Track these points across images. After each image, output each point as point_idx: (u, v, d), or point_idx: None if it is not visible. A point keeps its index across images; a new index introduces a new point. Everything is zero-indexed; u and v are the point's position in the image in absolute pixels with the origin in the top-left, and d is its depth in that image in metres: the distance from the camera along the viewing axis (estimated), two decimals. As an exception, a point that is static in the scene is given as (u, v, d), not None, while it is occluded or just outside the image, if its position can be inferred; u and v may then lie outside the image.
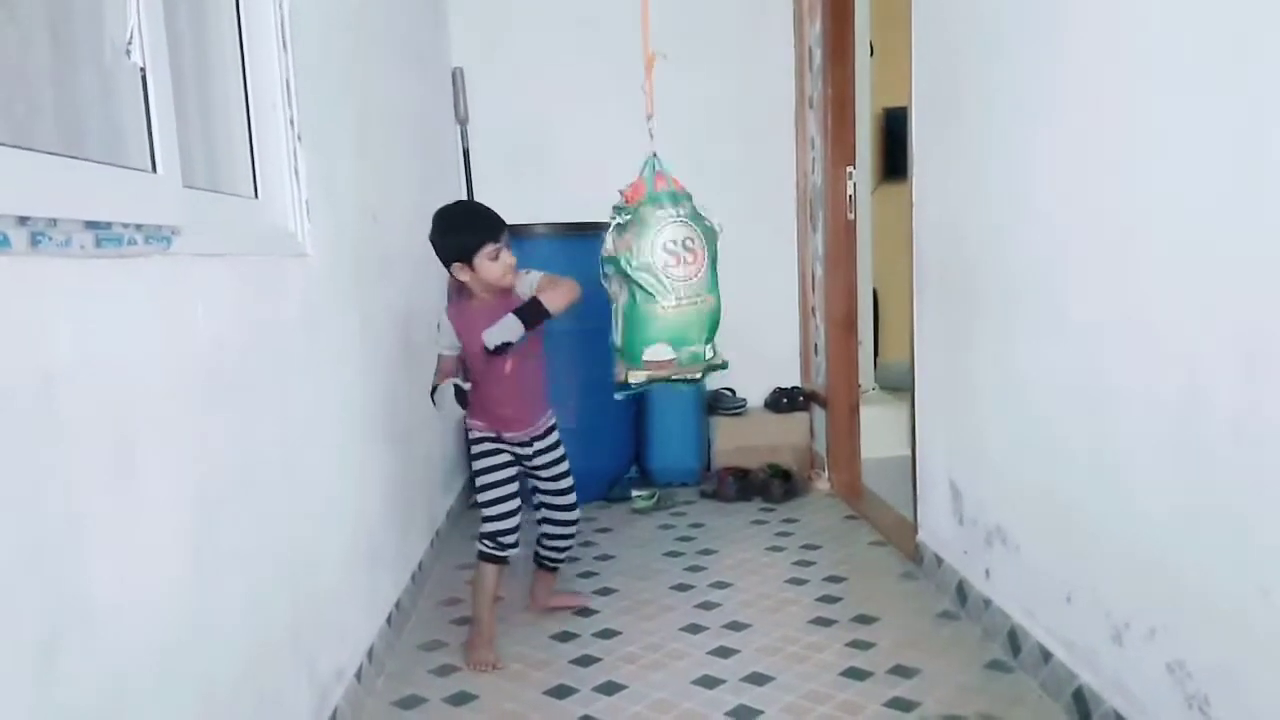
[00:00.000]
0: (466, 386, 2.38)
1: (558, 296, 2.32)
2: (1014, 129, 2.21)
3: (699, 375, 2.28)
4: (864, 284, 4.18)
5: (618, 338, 2.25)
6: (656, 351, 2.20)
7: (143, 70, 1.34)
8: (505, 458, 2.52)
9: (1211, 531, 1.57)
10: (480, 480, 2.51)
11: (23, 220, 1.01)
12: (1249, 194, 1.44)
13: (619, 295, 2.24)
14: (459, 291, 2.48)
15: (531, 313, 2.28)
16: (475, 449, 2.53)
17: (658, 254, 2.17)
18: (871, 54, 4.36)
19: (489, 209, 2.43)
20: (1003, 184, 2.28)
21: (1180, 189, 1.60)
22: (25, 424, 1.02)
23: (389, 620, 2.49)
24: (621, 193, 2.27)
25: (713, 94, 4.29)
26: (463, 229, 2.34)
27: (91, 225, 1.15)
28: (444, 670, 2.39)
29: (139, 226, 1.27)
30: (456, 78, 4.20)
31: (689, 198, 2.28)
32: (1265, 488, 1.44)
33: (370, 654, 2.28)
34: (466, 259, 2.32)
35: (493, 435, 2.51)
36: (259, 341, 1.73)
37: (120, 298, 1.24)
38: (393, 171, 3.00)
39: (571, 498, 2.65)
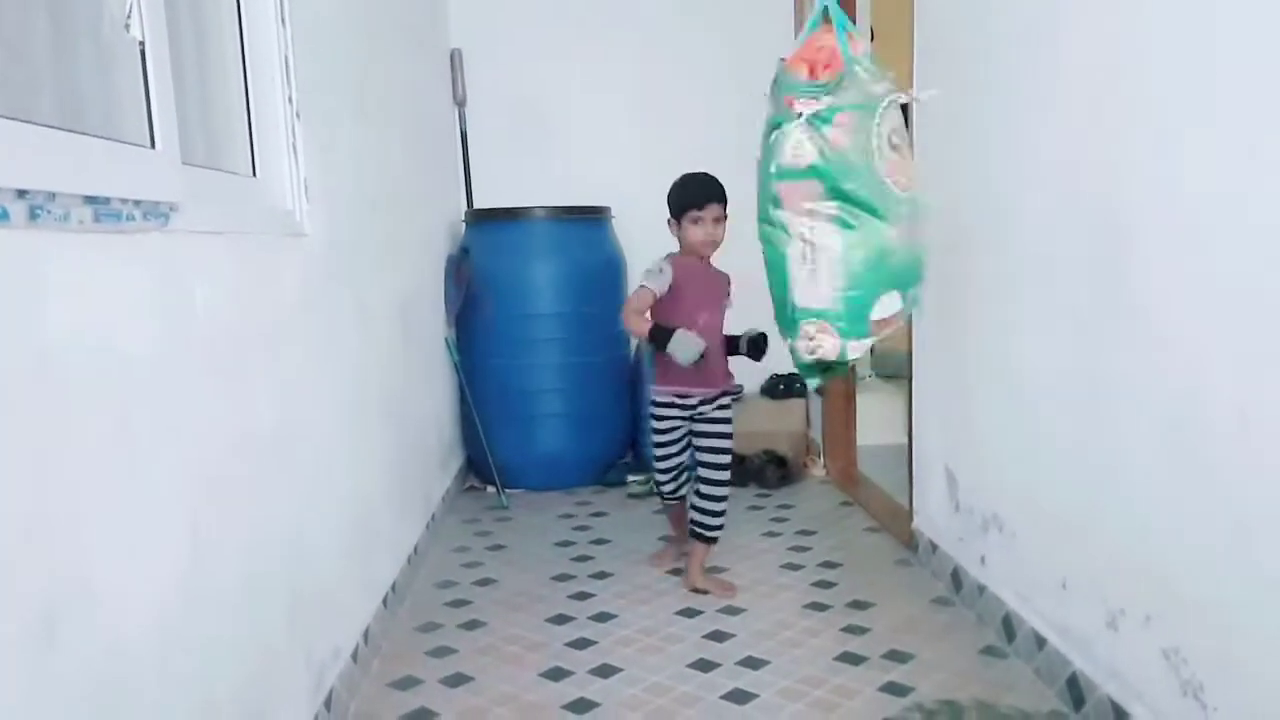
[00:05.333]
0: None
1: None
2: (1014, 119, 2.20)
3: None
4: (862, 271, 4.17)
5: (805, 296, 1.59)
6: (886, 305, 1.58)
7: (141, 45, 1.33)
8: (673, 422, 2.76)
9: (1206, 518, 1.57)
10: (652, 438, 2.82)
11: (21, 193, 1.01)
12: (1250, 188, 1.43)
13: (814, 232, 1.54)
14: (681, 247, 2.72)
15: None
16: (651, 408, 2.79)
17: (884, 151, 1.53)
18: (872, 39, 4.34)
19: (713, 180, 2.66)
20: (1002, 173, 2.27)
21: (1180, 183, 1.59)
22: (22, 400, 1.01)
23: (385, 602, 2.49)
24: (784, 60, 1.58)
25: (711, 77, 4.27)
26: (679, 189, 2.66)
27: (90, 200, 1.14)
28: (440, 651, 2.39)
29: (137, 202, 1.26)
30: (455, 59, 4.17)
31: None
32: (1260, 476, 1.44)
33: (366, 635, 2.28)
34: (676, 217, 2.66)
35: (667, 400, 2.73)
36: (257, 320, 1.72)
37: (118, 274, 1.23)
38: (391, 152, 2.98)
39: (723, 474, 2.74)
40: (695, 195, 2.63)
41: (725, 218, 2.67)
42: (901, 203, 1.57)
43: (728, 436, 2.77)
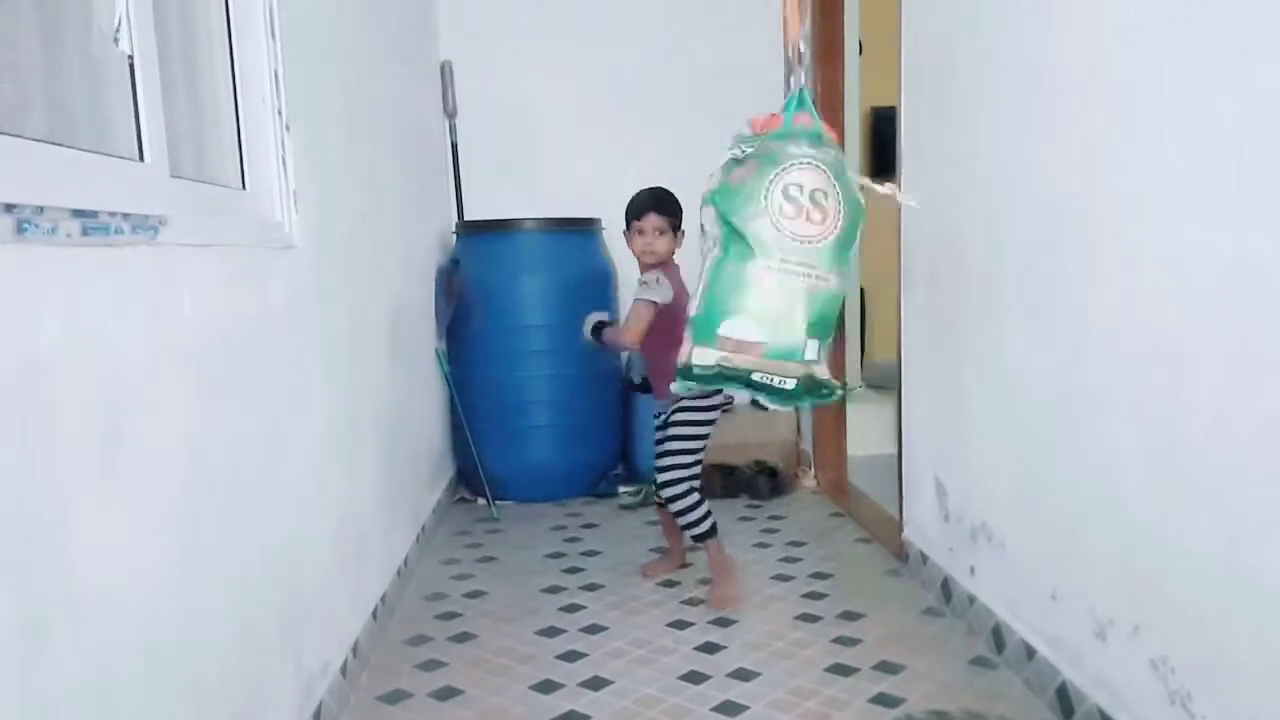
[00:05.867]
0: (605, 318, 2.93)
1: (613, 334, 2.86)
2: (1001, 129, 2.22)
3: (791, 384, 1.79)
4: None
5: (694, 306, 1.81)
6: (738, 327, 1.70)
7: (130, 58, 1.33)
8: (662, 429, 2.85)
9: (1194, 529, 1.58)
10: (697, 444, 2.86)
11: (9, 208, 1.01)
12: (1237, 193, 1.45)
13: (709, 251, 1.78)
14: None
15: (598, 330, 2.90)
16: (697, 414, 2.84)
17: (774, 197, 1.70)
18: (860, 52, 4.37)
19: (660, 194, 2.77)
20: (989, 184, 2.29)
21: (1167, 188, 1.61)
22: (11, 412, 1.01)
23: (374, 615, 2.48)
24: (751, 121, 1.89)
25: (701, 89, 4.28)
26: (629, 202, 2.80)
27: (78, 214, 1.14)
28: (429, 665, 2.38)
29: (126, 216, 1.26)
30: (445, 71, 4.18)
31: (839, 149, 1.88)
32: (1246, 486, 1.45)
33: (355, 648, 2.27)
34: (627, 228, 2.79)
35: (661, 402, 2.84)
36: (246, 333, 1.72)
37: (107, 287, 1.23)
38: (381, 165, 2.99)
39: (664, 475, 2.79)
40: (636, 207, 2.76)
41: (670, 231, 2.73)
42: (788, 250, 1.72)
43: (674, 442, 2.80)
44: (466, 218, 4.20)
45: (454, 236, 4.04)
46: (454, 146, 4.22)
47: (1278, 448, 1.38)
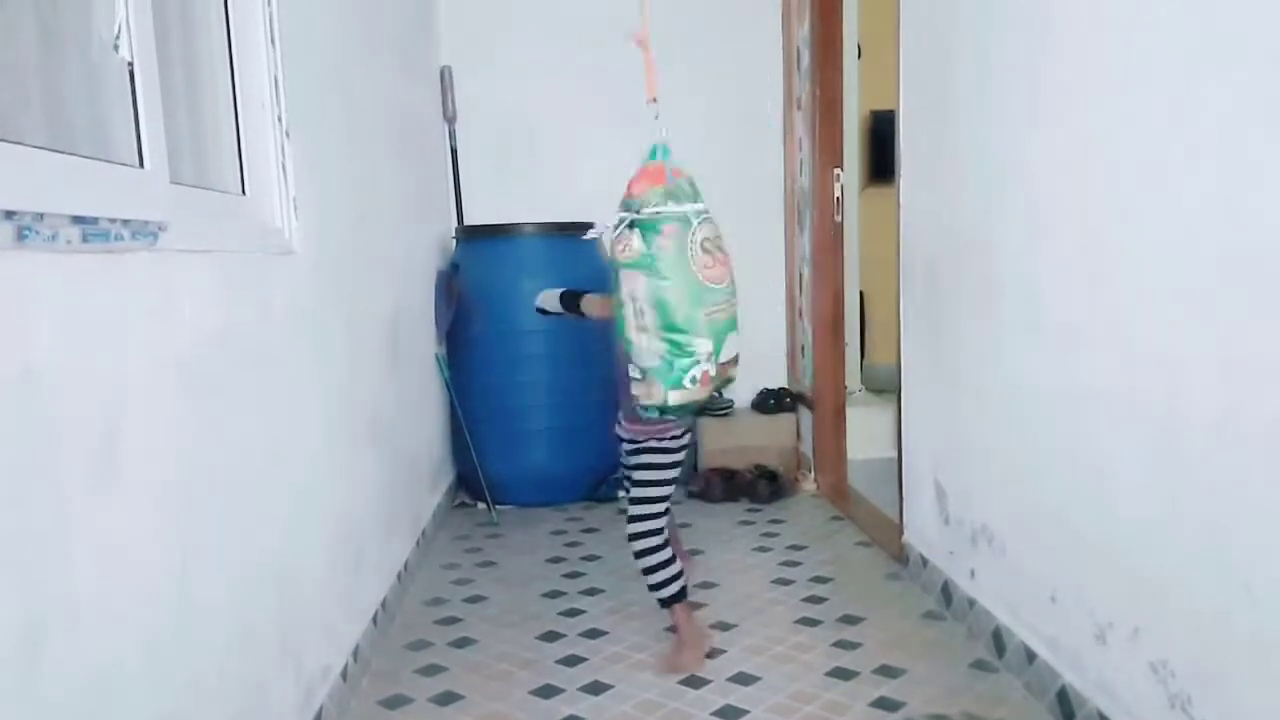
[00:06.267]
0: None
1: (594, 303, 2.47)
2: (999, 132, 2.22)
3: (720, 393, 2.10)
4: (851, 286, 4.19)
5: (645, 359, 2.02)
6: (694, 371, 2.00)
7: (130, 65, 1.33)
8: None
9: (1192, 532, 1.58)
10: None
11: (9, 214, 1.01)
12: (1229, 197, 1.45)
13: (644, 311, 1.99)
14: None
15: (569, 299, 2.52)
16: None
17: (698, 255, 1.97)
18: (859, 56, 4.38)
19: None
20: (988, 187, 2.29)
21: (1162, 192, 1.61)
22: (10, 418, 1.01)
23: (375, 620, 2.48)
24: (637, 183, 2.09)
25: (700, 94, 4.29)
26: None
27: (78, 220, 1.15)
28: (430, 670, 2.38)
29: (126, 222, 1.26)
30: (445, 76, 4.18)
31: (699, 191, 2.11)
32: (1244, 489, 1.45)
33: (356, 653, 2.27)
34: None
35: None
36: (245, 339, 1.72)
37: (106, 293, 1.23)
38: (380, 170, 2.99)
39: (636, 524, 2.41)
40: None
41: None
42: (712, 291, 2.00)
43: (642, 485, 2.44)
44: (466, 222, 4.21)
45: (453, 241, 4.05)
46: (454, 151, 4.23)
47: (1277, 450, 1.38)
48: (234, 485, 1.62)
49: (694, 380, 2.01)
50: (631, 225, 2.01)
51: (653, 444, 2.42)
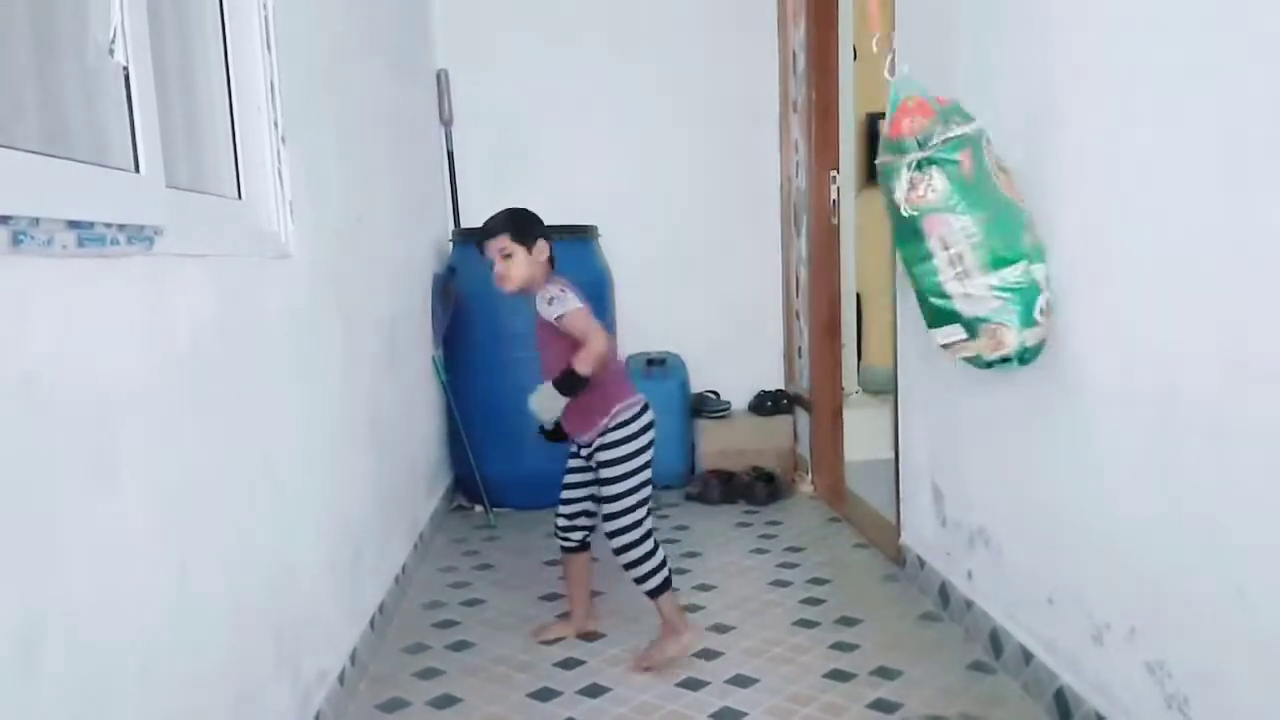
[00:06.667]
0: (550, 426, 2.41)
1: (587, 360, 2.24)
2: (995, 134, 2.21)
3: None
4: (847, 287, 4.19)
5: (972, 307, 1.83)
6: (1041, 303, 1.83)
7: (126, 69, 1.33)
8: (575, 458, 2.52)
9: (1189, 532, 1.58)
10: None
11: (5, 219, 1.01)
12: (1230, 195, 1.45)
13: (962, 256, 1.78)
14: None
15: (567, 384, 2.25)
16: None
17: (997, 173, 1.80)
18: (855, 59, 4.38)
19: (492, 218, 2.40)
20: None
21: (1161, 190, 1.61)
22: (7, 421, 1.01)
23: (372, 623, 2.48)
24: (902, 122, 1.86)
25: (696, 96, 4.30)
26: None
27: (74, 225, 1.15)
28: (427, 673, 2.38)
29: (121, 226, 1.26)
30: (441, 79, 4.19)
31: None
32: (1243, 489, 1.45)
33: (353, 657, 2.27)
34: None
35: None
36: (241, 343, 1.72)
37: (102, 297, 1.23)
38: (377, 173, 2.99)
39: (618, 540, 2.36)
40: (479, 238, 2.41)
41: (519, 248, 2.34)
42: (1022, 211, 1.84)
43: (612, 482, 2.37)
44: (463, 225, 4.21)
45: (450, 244, 4.05)
46: (450, 155, 4.23)
47: (1274, 449, 1.39)
48: (231, 488, 1.62)
49: (1042, 311, 1.82)
50: (920, 166, 1.81)
51: (610, 438, 2.34)
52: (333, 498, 2.27)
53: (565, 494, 2.55)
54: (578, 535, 2.56)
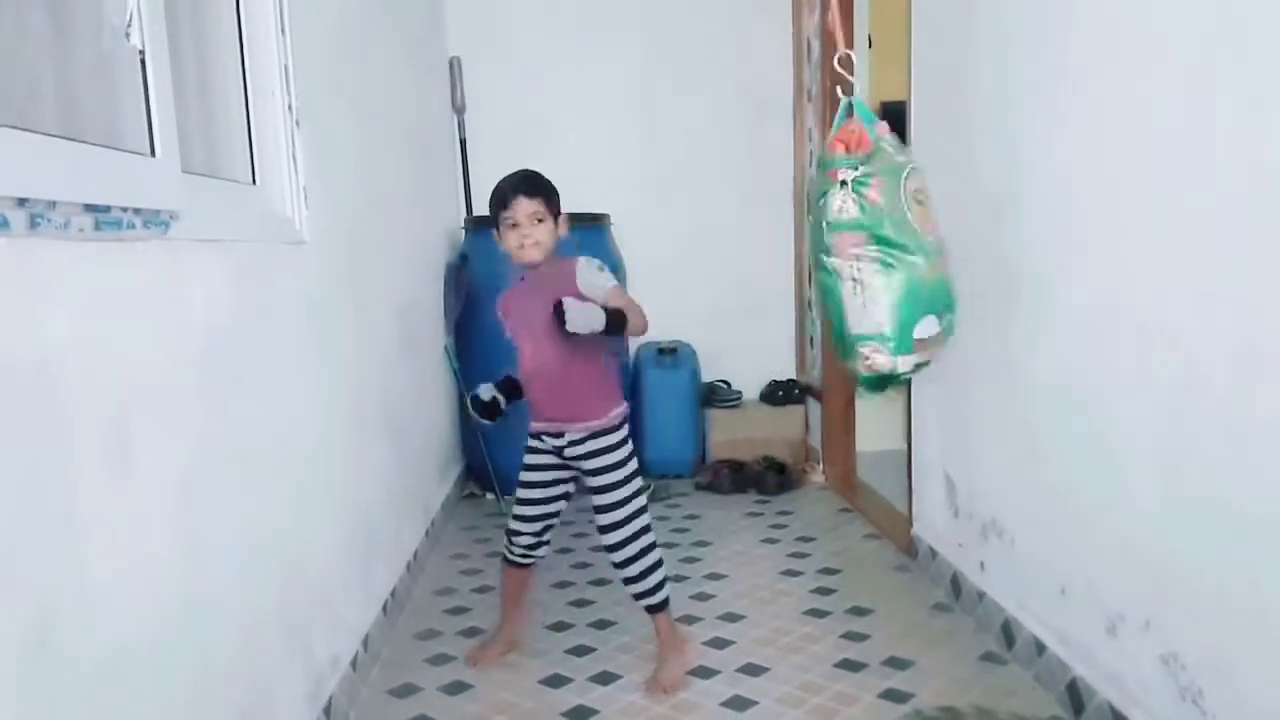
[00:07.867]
0: (486, 397, 2.26)
1: (635, 323, 2.12)
2: (1010, 123, 2.20)
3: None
4: (860, 277, 4.17)
5: (859, 324, 1.95)
6: (925, 327, 1.93)
7: (141, 53, 1.33)
8: (542, 458, 2.30)
9: (1204, 524, 1.57)
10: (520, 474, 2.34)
11: (22, 202, 1.01)
12: (1246, 185, 1.44)
13: (862, 271, 1.91)
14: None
15: (615, 323, 2.07)
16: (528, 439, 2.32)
17: (911, 206, 1.89)
18: (870, 47, 4.35)
19: (517, 175, 2.16)
20: (998, 177, 2.28)
21: (1177, 180, 1.60)
22: (22, 405, 1.02)
23: (384, 609, 2.49)
24: (836, 145, 1.97)
25: (710, 84, 4.29)
26: (491, 194, 2.17)
27: (90, 208, 1.15)
28: (439, 659, 2.39)
29: (137, 211, 1.26)
30: (454, 66, 4.18)
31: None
32: (1257, 480, 1.44)
33: (366, 642, 2.28)
34: (497, 229, 2.16)
35: (534, 430, 2.29)
36: (255, 328, 1.72)
37: (118, 282, 1.24)
38: (390, 160, 2.99)
39: (618, 554, 2.25)
40: (499, 196, 2.13)
41: (550, 215, 2.15)
42: (928, 245, 1.94)
43: (615, 488, 2.25)
44: (475, 213, 4.20)
45: (463, 232, 4.04)
46: (463, 142, 4.23)
47: (1291, 443, 1.38)
48: (244, 473, 1.63)
49: (927, 339, 1.95)
50: (843, 184, 1.92)
51: (609, 440, 2.23)
52: (346, 484, 2.27)
53: (529, 508, 2.30)
54: (540, 553, 2.35)
